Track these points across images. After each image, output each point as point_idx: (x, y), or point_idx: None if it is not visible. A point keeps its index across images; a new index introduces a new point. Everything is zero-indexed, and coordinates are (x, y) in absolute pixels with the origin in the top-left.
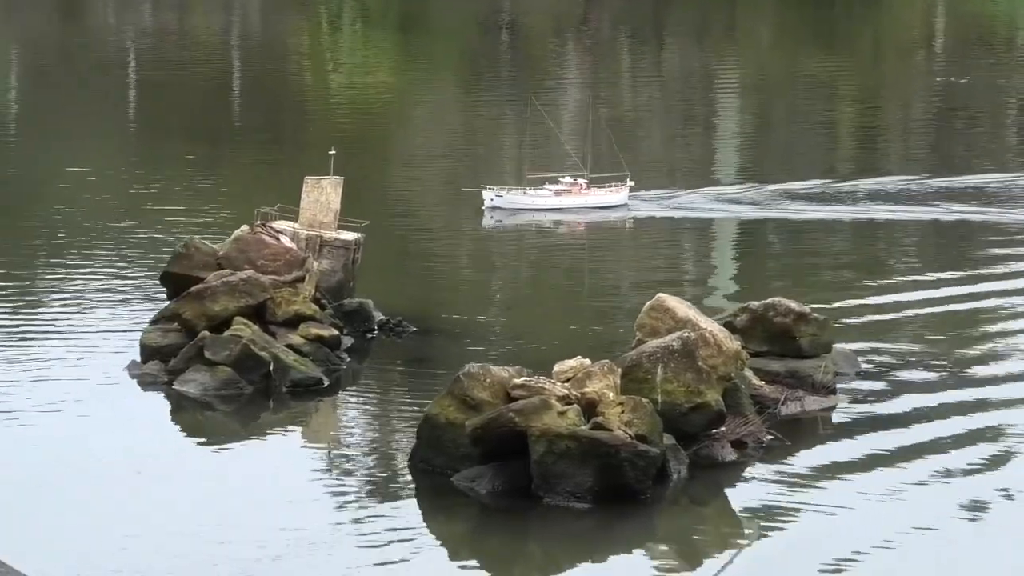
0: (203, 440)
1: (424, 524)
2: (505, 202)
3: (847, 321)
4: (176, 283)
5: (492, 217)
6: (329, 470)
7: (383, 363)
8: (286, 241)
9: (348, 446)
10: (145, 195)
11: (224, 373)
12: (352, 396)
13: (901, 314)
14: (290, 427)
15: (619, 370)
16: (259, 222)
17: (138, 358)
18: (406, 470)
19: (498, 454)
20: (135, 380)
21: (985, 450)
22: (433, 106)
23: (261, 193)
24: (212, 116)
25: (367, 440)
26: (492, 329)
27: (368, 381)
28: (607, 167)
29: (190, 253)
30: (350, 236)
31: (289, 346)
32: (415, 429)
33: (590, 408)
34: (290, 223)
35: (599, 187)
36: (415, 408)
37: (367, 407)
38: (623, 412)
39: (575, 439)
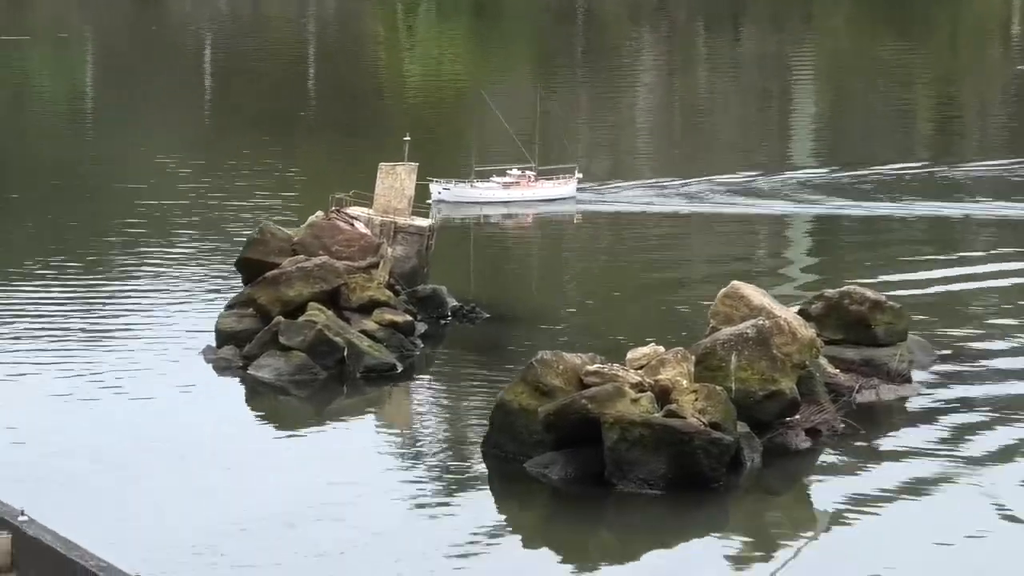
0: (277, 425)
1: (496, 510)
2: (452, 195)
3: (922, 309)
4: (251, 268)
5: (439, 211)
6: (402, 455)
7: (456, 349)
8: (360, 227)
9: (421, 432)
10: (220, 181)
11: (298, 358)
12: (425, 382)
13: (977, 302)
14: (363, 413)
15: (693, 357)
16: (334, 208)
17: (213, 343)
18: (479, 456)
19: (571, 441)
20: (210, 365)
21: None
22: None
23: (336, 179)
24: (287, 103)
25: (440, 426)
26: (565, 316)
27: (441, 367)
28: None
29: (265, 239)
30: (424, 222)
31: (363, 332)
32: (488, 415)
33: (664, 395)
34: (364, 209)
35: (547, 179)
36: (488, 394)
37: (440, 393)
38: (697, 400)
39: (648, 426)
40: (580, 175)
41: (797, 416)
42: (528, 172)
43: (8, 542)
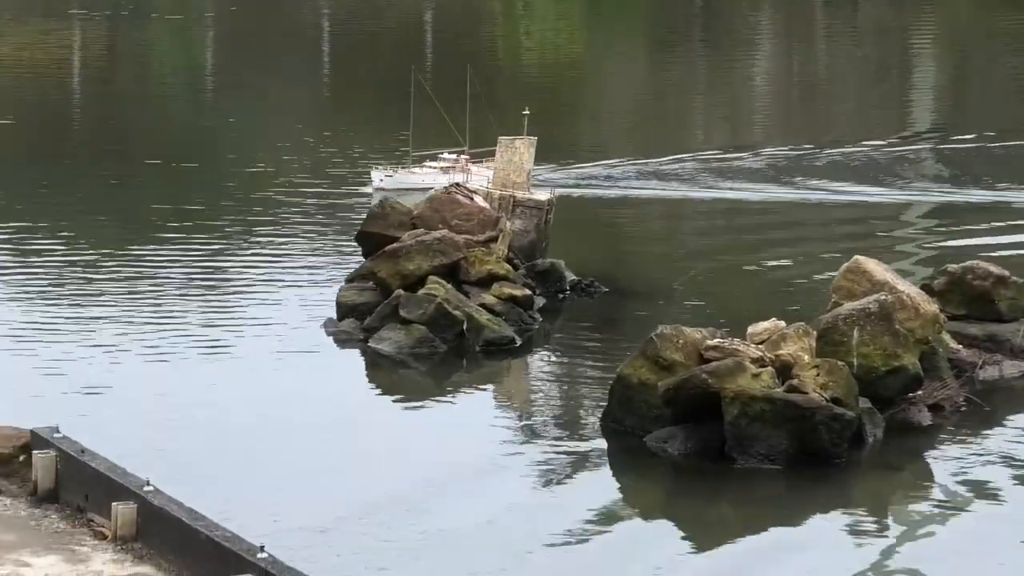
0: (397, 398)
1: (616, 484)
2: (394, 182)
3: None
4: (371, 242)
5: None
6: (520, 429)
7: (575, 323)
8: (480, 201)
9: (540, 405)
10: (339, 155)
11: (418, 332)
12: (544, 356)
13: None
14: (482, 386)
15: (814, 333)
16: (454, 182)
17: (334, 316)
18: (597, 430)
19: (690, 415)
20: (331, 338)
21: None
22: (623, 68)
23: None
24: (405, 76)
25: (559, 399)
26: (684, 291)
27: (560, 341)
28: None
29: (385, 212)
30: (543, 196)
31: (482, 305)
32: (606, 389)
33: (785, 370)
34: (483, 182)
35: (475, 163)
36: (607, 368)
37: (559, 367)
38: (818, 375)
39: (769, 401)
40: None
41: (920, 392)
42: (462, 156)
43: (133, 512)
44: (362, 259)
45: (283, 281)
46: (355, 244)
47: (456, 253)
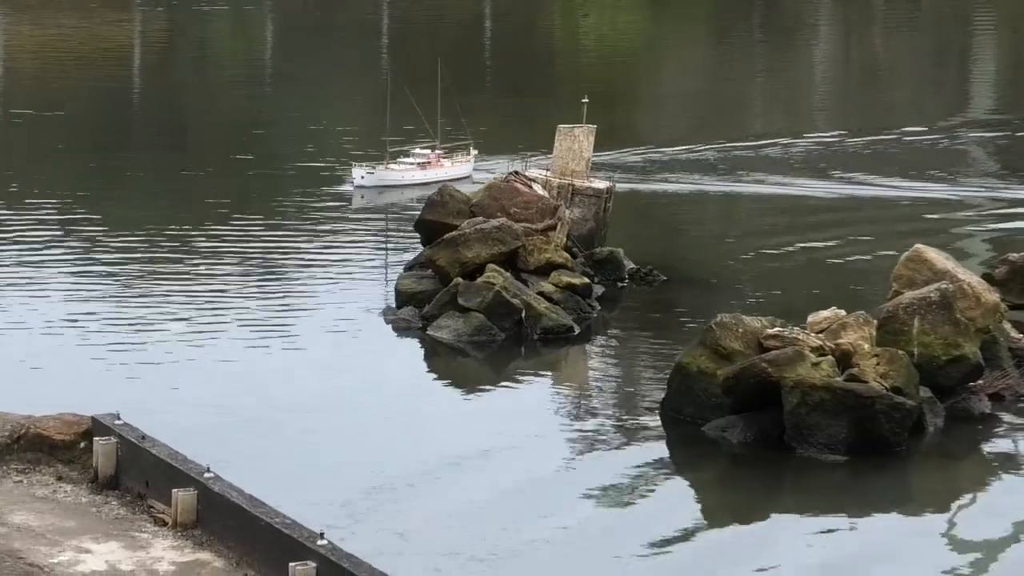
0: (455, 386)
1: (675, 472)
2: (375, 179)
3: None
4: (430, 230)
5: (362, 196)
6: (579, 416)
7: (633, 312)
8: (538, 189)
9: (598, 393)
10: (397, 143)
11: (477, 319)
12: (602, 344)
13: None
14: (541, 374)
15: (875, 321)
16: (512, 170)
17: (393, 304)
18: (656, 418)
19: (750, 404)
20: (390, 325)
21: None
22: (683, 55)
23: (513, 141)
24: (464, 64)
25: (617, 388)
26: (743, 279)
27: (618, 329)
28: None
29: (444, 200)
30: (601, 185)
31: (540, 294)
32: (665, 378)
33: (845, 359)
34: (542, 171)
35: (446, 157)
36: (665, 357)
37: (617, 355)
38: (879, 364)
39: (829, 390)
40: (476, 151)
41: (980, 381)
42: (437, 151)
43: (194, 499)
44: (421, 247)
45: (342, 269)
46: (414, 231)
47: (515, 241)
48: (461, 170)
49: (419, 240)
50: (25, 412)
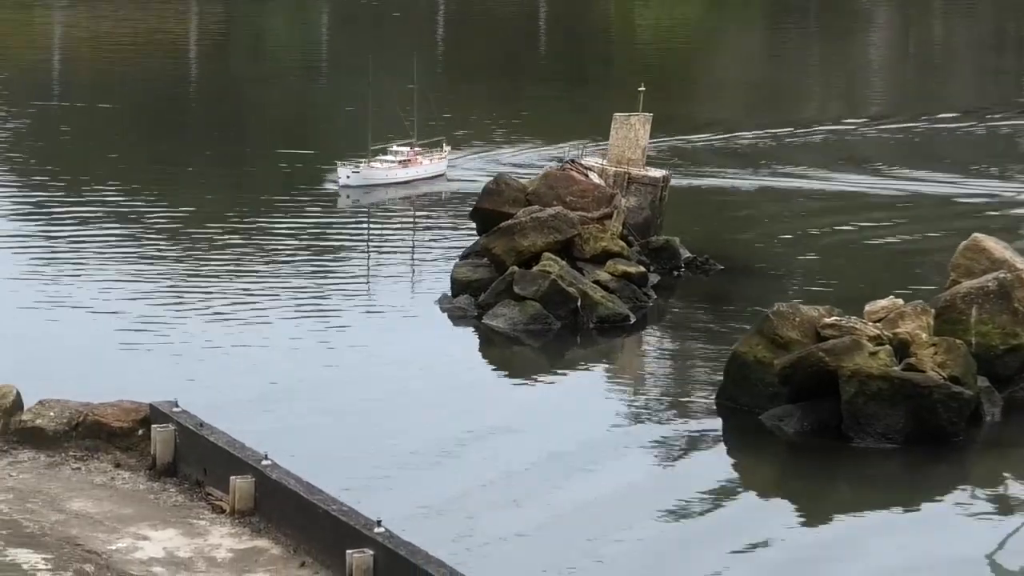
0: (511, 374)
1: (731, 461)
2: (361, 178)
3: None
4: (486, 218)
5: (348, 196)
6: (635, 405)
7: (689, 301)
8: (594, 178)
9: (654, 382)
10: (452, 131)
11: (532, 308)
12: (658, 333)
13: None
14: (596, 363)
15: (932, 311)
16: (568, 159)
17: (449, 292)
18: (713, 407)
19: (807, 393)
20: (446, 314)
21: None
22: (739, 44)
23: (568, 129)
24: (518, 52)
25: (673, 377)
26: (800, 268)
27: (674, 318)
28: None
29: (500, 189)
30: (657, 173)
31: (596, 282)
32: (721, 367)
33: (902, 349)
34: (598, 159)
35: (423, 155)
36: (721, 346)
37: (673, 344)
38: (936, 353)
39: (887, 380)
40: (448, 147)
41: None
42: (415, 148)
43: (252, 486)
44: (477, 235)
45: (398, 257)
46: (470, 220)
47: (570, 230)
48: (437, 168)
49: (475, 229)
50: (84, 399)
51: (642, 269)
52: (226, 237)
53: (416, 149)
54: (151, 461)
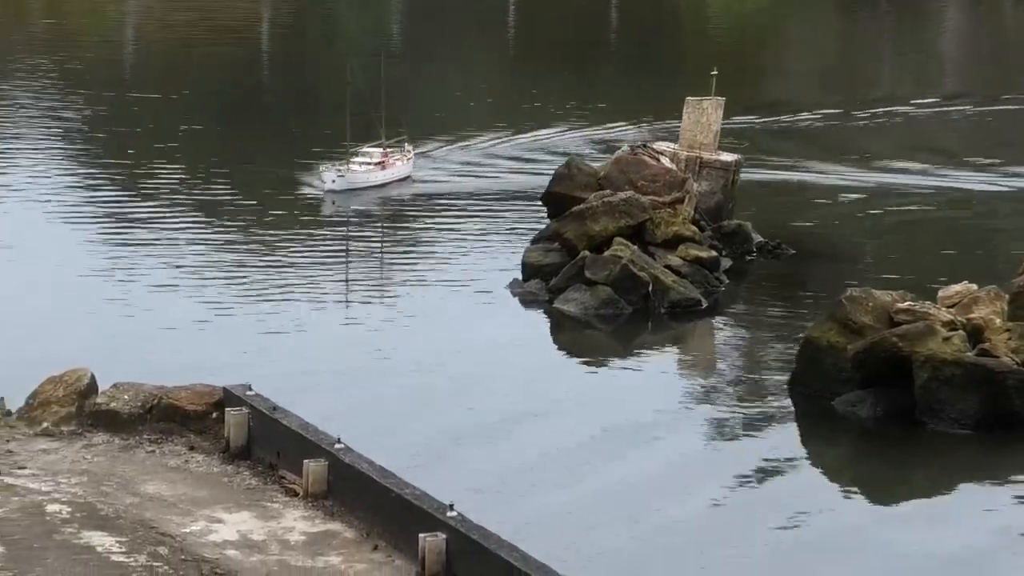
0: (582, 358)
1: (804, 446)
2: (346, 182)
3: None
4: (557, 203)
5: (334, 202)
6: (707, 390)
7: (761, 285)
8: (666, 162)
9: (726, 367)
10: (525, 114)
11: (604, 293)
12: (730, 318)
13: None
14: (668, 347)
15: (1006, 296)
16: (640, 143)
17: (520, 276)
18: (785, 392)
19: (880, 379)
20: (517, 298)
21: None
22: (810, 27)
23: (640, 113)
24: (590, 37)
25: (744, 361)
26: (872, 254)
27: (746, 303)
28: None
29: (572, 173)
30: (729, 157)
31: (668, 267)
32: (793, 352)
33: (976, 334)
34: (670, 144)
35: (392, 155)
36: (793, 330)
37: (745, 329)
38: (1010, 339)
39: (960, 365)
40: (411, 146)
41: None
42: (388, 149)
43: (325, 469)
44: (548, 220)
45: (469, 241)
46: (541, 204)
47: (642, 214)
48: (406, 169)
49: (547, 213)
50: (158, 383)
51: (713, 254)
52: (299, 223)
53: (388, 150)
54: (224, 444)
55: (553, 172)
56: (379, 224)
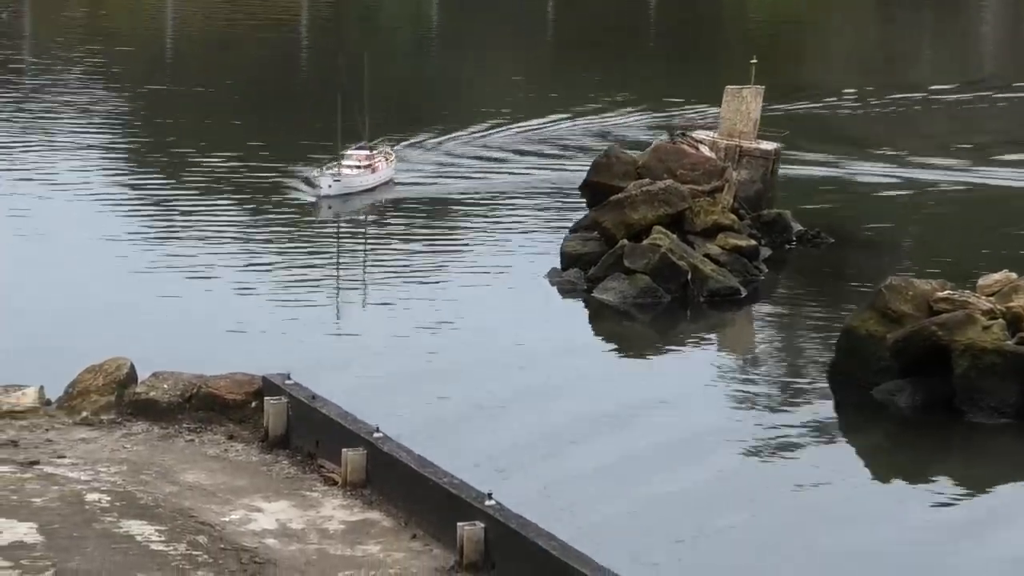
0: (621, 348)
1: (843, 435)
2: (341, 187)
3: None
4: (596, 192)
5: (329, 207)
6: (746, 379)
7: (800, 274)
8: (705, 151)
9: (765, 356)
10: (563, 103)
11: (642, 282)
12: (769, 307)
13: None
14: (707, 337)
15: None
16: (679, 131)
17: (558, 265)
18: (824, 381)
19: (919, 368)
20: (555, 287)
21: None
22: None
23: (678, 102)
24: (628, 25)
25: (784, 350)
26: (912, 243)
27: (785, 292)
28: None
29: (610, 162)
30: (769, 146)
31: (707, 256)
32: (833, 341)
33: (1016, 323)
34: (709, 132)
35: (377, 159)
36: (832, 319)
37: (784, 318)
38: None
39: (1000, 354)
40: (391, 150)
41: None
42: (375, 151)
43: (363, 458)
44: (587, 209)
45: (508, 230)
46: (580, 193)
47: (681, 203)
48: (390, 172)
49: (585, 202)
50: (197, 371)
51: (753, 242)
52: (336, 212)
53: (374, 152)
54: (263, 433)
55: (591, 162)
56: (418, 217)
